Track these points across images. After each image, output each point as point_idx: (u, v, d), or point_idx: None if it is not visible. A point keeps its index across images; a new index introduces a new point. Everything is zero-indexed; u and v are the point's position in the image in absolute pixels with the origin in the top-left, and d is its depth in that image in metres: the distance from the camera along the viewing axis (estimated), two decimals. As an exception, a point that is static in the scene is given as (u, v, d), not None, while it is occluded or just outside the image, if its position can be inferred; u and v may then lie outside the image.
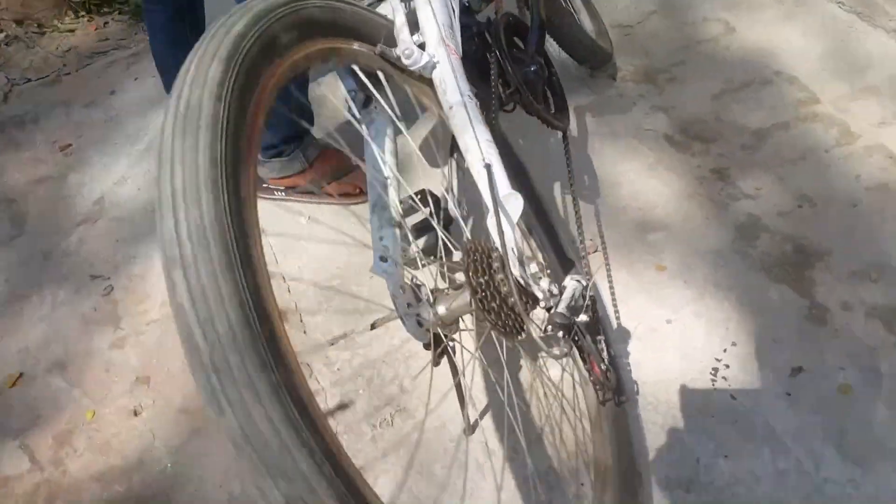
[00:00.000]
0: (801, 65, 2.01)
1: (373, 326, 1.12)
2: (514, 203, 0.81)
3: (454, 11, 1.03)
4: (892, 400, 1.30)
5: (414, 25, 0.96)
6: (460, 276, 1.00)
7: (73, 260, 1.67)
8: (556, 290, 0.83)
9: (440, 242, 0.99)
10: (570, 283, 0.84)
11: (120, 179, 1.85)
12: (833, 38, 2.08)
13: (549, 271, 1.04)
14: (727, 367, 1.37)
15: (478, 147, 0.84)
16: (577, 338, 0.91)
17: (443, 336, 0.93)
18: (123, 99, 2.12)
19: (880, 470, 1.21)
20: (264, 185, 1.72)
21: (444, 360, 1.03)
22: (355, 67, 0.89)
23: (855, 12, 2.14)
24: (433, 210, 1.01)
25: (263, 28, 0.65)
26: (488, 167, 0.82)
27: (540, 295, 0.82)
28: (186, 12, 1.60)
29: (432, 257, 1.01)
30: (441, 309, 0.89)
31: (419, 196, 1.01)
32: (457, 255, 1.03)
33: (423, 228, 1.03)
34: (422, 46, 0.93)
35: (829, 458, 1.23)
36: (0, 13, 2.55)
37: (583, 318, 0.85)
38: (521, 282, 0.81)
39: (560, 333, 0.83)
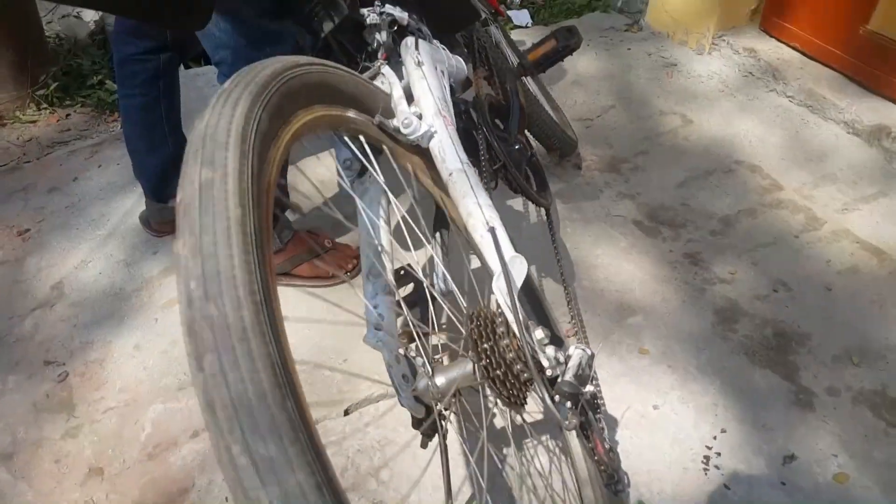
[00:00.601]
0: (761, 154, 2.09)
1: (346, 412, 1.06)
2: (519, 266, 0.79)
3: (446, 87, 1.04)
4: (890, 489, 1.27)
5: (409, 98, 0.96)
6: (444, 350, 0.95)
7: (26, 345, 1.56)
8: (562, 358, 0.79)
9: (431, 314, 0.95)
10: (576, 351, 0.80)
11: (80, 264, 1.77)
12: (788, 130, 2.19)
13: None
14: (719, 454, 1.33)
15: (481, 212, 0.83)
16: (581, 412, 0.86)
17: (440, 410, 0.87)
18: (87, 185, 2.06)
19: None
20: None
21: (421, 442, 0.96)
22: (348, 137, 0.87)
23: (805, 105, 2.27)
24: (420, 284, 0.98)
25: (270, 96, 0.62)
26: (492, 230, 0.80)
27: (546, 362, 0.78)
28: (162, 98, 1.59)
29: (425, 328, 0.96)
30: (440, 379, 0.84)
31: (402, 272, 0.99)
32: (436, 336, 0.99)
33: (412, 302, 0.99)
34: (418, 117, 0.92)
35: (831, 552, 1.19)
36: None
37: (589, 388, 0.80)
38: (528, 348, 0.77)
39: (568, 404, 0.78)
